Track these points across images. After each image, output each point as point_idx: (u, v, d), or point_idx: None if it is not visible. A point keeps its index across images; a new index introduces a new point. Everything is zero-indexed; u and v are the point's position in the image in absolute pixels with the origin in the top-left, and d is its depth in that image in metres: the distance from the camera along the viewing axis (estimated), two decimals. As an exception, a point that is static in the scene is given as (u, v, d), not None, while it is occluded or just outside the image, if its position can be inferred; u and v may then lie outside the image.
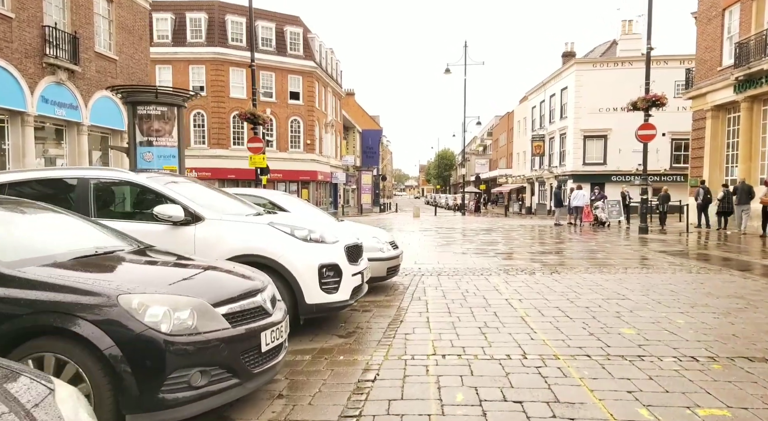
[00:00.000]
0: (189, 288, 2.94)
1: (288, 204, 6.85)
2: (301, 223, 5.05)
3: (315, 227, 4.97)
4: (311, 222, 5.36)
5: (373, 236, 6.80)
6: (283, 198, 7.02)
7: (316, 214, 7.29)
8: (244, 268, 3.65)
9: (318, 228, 4.98)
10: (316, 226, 5.13)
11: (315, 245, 4.72)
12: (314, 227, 5.02)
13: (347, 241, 5.08)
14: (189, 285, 3.00)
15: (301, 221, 5.20)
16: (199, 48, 36.40)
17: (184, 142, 14.73)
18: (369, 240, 6.69)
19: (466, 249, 12.12)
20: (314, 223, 5.36)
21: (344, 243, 4.99)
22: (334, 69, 49.01)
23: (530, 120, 42.31)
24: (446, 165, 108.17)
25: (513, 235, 16.54)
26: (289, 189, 40.15)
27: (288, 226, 4.73)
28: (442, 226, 21.96)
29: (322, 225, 5.31)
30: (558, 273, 8.38)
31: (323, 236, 4.82)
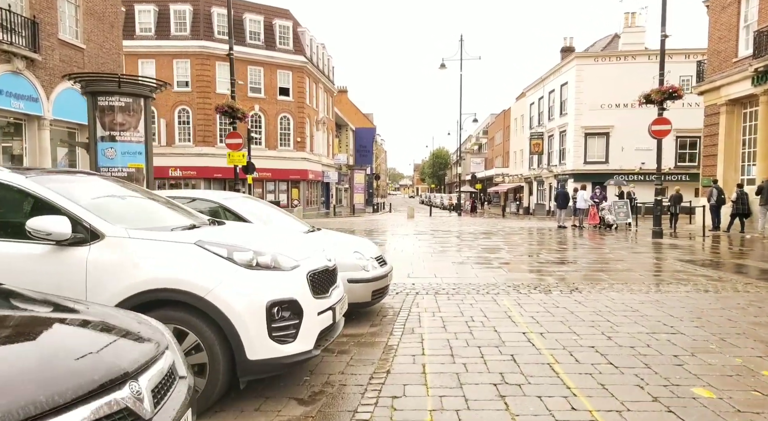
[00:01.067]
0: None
1: (245, 209, 5.43)
2: (247, 239, 3.64)
3: (268, 246, 3.57)
4: (266, 237, 3.95)
5: (354, 251, 5.40)
6: (239, 202, 5.59)
7: (283, 222, 5.87)
8: (130, 318, 2.24)
9: (272, 246, 3.57)
10: (271, 243, 3.73)
11: (264, 273, 3.31)
12: (267, 244, 3.62)
13: (313, 264, 3.68)
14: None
15: (249, 237, 3.78)
16: (183, 41, 34.86)
17: (151, 136, 13.25)
18: (349, 256, 5.29)
19: (466, 258, 10.74)
20: (270, 238, 3.95)
21: (308, 268, 3.58)
22: (326, 65, 47.54)
23: (528, 117, 41.03)
24: (441, 164, 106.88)
25: (516, 239, 15.18)
26: (279, 188, 38.73)
27: (224, 245, 3.32)
28: (437, 228, 20.59)
29: (281, 241, 3.91)
30: (578, 291, 7.00)
31: (276, 260, 3.41)
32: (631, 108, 29.88)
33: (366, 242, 6.11)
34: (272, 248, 3.53)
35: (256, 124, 37.25)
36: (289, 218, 6.25)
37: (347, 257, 5.28)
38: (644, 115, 29.46)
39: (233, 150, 15.32)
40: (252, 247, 3.41)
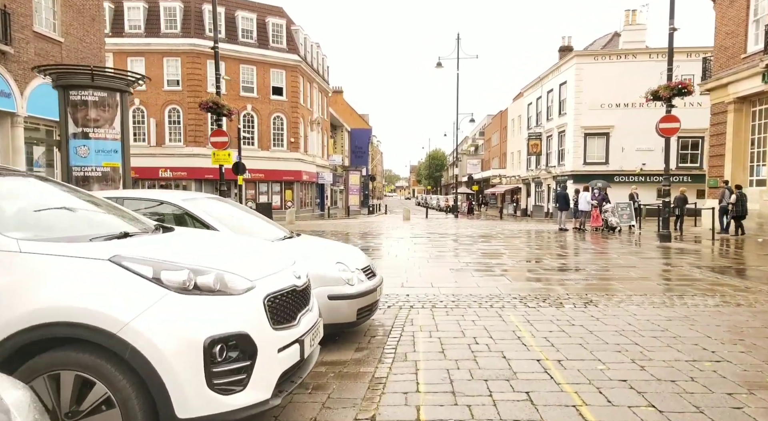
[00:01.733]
0: None
1: (209, 213, 4.58)
2: (187, 252, 2.81)
3: (215, 261, 2.74)
4: (216, 249, 3.11)
5: (337, 262, 4.57)
6: (202, 204, 4.74)
7: (255, 227, 5.03)
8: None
9: (221, 262, 2.75)
10: (221, 257, 2.90)
11: (204, 298, 2.49)
12: (214, 259, 2.79)
13: (275, 284, 2.85)
14: None
15: (192, 249, 2.95)
16: (174, 39, 34.00)
17: (129, 133, 12.41)
18: (330, 268, 4.46)
19: (465, 264, 9.92)
20: (222, 250, 3.12)
21: (267, 290, 2.75)
22: (320, 64, 46.74)
23: (526, 118, 40.32)
24: (437, 165, 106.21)
25: (516, 243, 14.39)
26: (272, 190, 37.88)
27: (151, 262, 2.48)
28: (434, 231, 19.77)
29: (236, 254, 3.08)
30: (594, 304, 6.19)
31: (223, 280, 2.58)
32: (631, 108, 29.23)
33: (352, 251, 5.28)
34: (220, 264, 2.70)
35: (248, 124, 36.42)
36: (263, 222, 5.42)
37: (328, 269, 4.45)
38: (645, 115, 28.82)
39: (219, 149, 14.47)
40: (190, 263, 2.58)
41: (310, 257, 4.50)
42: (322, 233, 18.25)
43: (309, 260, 4.45)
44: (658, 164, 29.02)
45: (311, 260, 4.44)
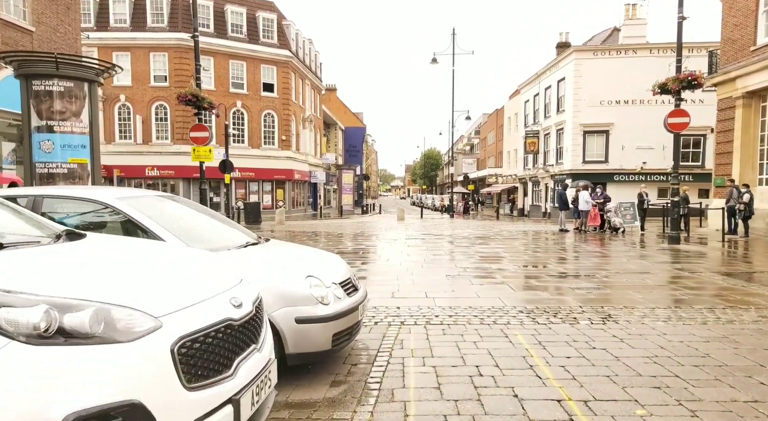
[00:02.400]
0: None
1: (152, 215, 3.68)
2: (68, 274, 1.92)
3: (106, 287, 1.85)
4: (118, 267, 2.22)
5: (308, 275, 3.68)
6: (145, 204, 3.82)
7: (212, 233, 4.15)
8: None
9: (116, 286, 1.86)
10: (117, 281, 2.01)
11: (71, 350, 1.61)
12: (105, 284, 1.90)
13: (195, 320, 1.96)
14: None
15: (79, 269, 2.06)
16: (160, 33, 32.97)
17: (99, 127, 11.48)
18: (298, 284, 3.58)
19: (462, 269, 9.06)
20: (125, 269, 2.23)
21: (180, 330, 1.87)
22: (313, 60, 45.79)
23: (522, 115, 39.54)
24: (432, 165, 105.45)
25: (516, 246, 13.55)
26: (263, 189, 36.93)
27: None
28: (429, 232, 18.91)
29: (156, 271, 2.20)
30: (614, 320, 5.35)
31: (109, 318, 1.70)
32: (632, 105, 28.50)
33: (329, 260, 4.40)
34: (113, 292, 1.82)
35: (238, 121, 35.47)
36: (225, 225, 4.53)
37: (295, 284, 3.57)
38: (646, 112, 28.13)
39: (199, 145, 13.56)
40: (60, 292, 1.70)
41: (272, 271, 3.62)
42: (311, 234, 17.35)
43: (270, 274, 3.57)
44: (659, 163, 28.32)
45: (273, 275, 3.57)
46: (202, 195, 13.75)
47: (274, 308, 3.42)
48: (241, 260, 3.63)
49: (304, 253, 4.49)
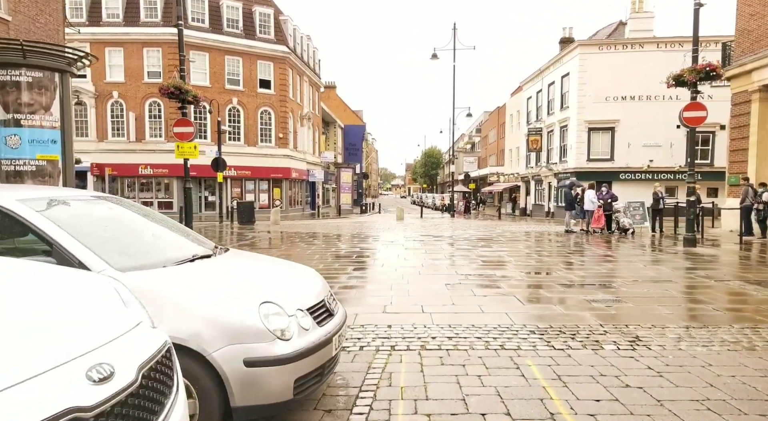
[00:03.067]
0: None
1: (54, 219, 2.83)
2: None
3: None
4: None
5: (263, 301, 2.83)
6: (61, 208, 2.95)
7: (138, 241, 3.30)
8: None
9: None
10: None
11: None
12: None
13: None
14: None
15: None
16: (154, 28, 32.13)
17: (71, 121, 10.63)
18: (247, 313, 2.73)
19: (464, 276, 8.22)
20: None
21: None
22: (311, 57, 44.93)
23: (525, 112, 38.64)
24: (433, 163, 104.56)
25: (521, 248, 12.71)
26: (259, 188, 36.11)
27: None
28: (428, 233, 18.05)
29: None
30: (645, 345, 4.50)
31: None
32: (638, 100, 27.61)
33: (300, 278, 3.55)
34: None
35: (234, 118, 34.65)
36: (171, 234, 3.68)
37: (246, 313, 2.72)
38: (653, 108, 27.24)
39: (182, 140, 12.72)
40: None
41: (214, 295, 2.77)
42: (304, 236, 16.51)
43: (212, 300, 2.72)
44: (666, 161, 27.44)
45: (215, 300, 2.72)
46: (186, 194, 12.92)
47: (214, 347, 2.58)
48: (171, 282, 2.79)
49: (267, 268, 3.64)
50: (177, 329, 2.51)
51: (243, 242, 14.44)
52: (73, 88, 32.67)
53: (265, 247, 13.11)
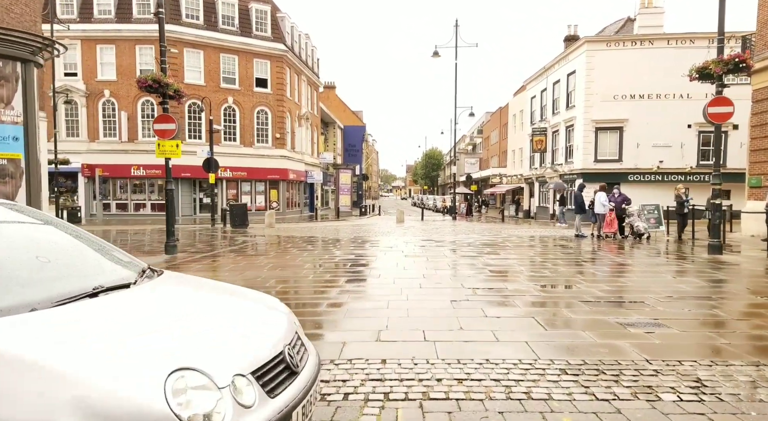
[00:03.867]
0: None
1: None
2: None
3: None
4: None
5: (177, 367, 1.80)
6: None
7: (17, 265, 2.28)
8: None
9: None
10: None
11: None
12: None
13: None
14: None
15: None
16: (147, 25, 31.14)
17: (35, 115, 9.68)
18: (144, 389, 1.70)
19: (472, 291, 7.20)
20: None
21: None
22: (310, 56, 43.96)
23: (529, 112, 37.64)
24: (434, 165, 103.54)
25: (531, 255, 11.69)
26: (256, 189, 35.12)
27: None
28: (430, 237, 17.03)
29: None
30: (713, 392, 3.47)
31: None
32: (648, 99, 26.60)
33: (249, 321, 2.52)
34: None
35: (229, 118, 33.69)
36: (77, 251, 2.66)
37: (141, 393, 1.70)
38: (663, 107, 26.21)
39: (164, 138, 11.71)
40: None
41: (102, 363, 1.75)
42: (297, 240, 15.48)
43: (96, 371, 1.70)
44: (677, 162, 26.43)
45: (100, 372, 1.70)
46: (168, 197, 11.92)
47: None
48: (32, 335, 1.77)
49: (205, 304, 2.60)
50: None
51: (230, 248, 13.44)
52: (64, 87, 31.77)
53: (251, 253, 12.10)
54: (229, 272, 8.98)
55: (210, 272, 9.22)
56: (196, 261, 10.59)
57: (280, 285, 7.71)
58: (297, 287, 7.75)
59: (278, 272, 8.93)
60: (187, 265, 10.09)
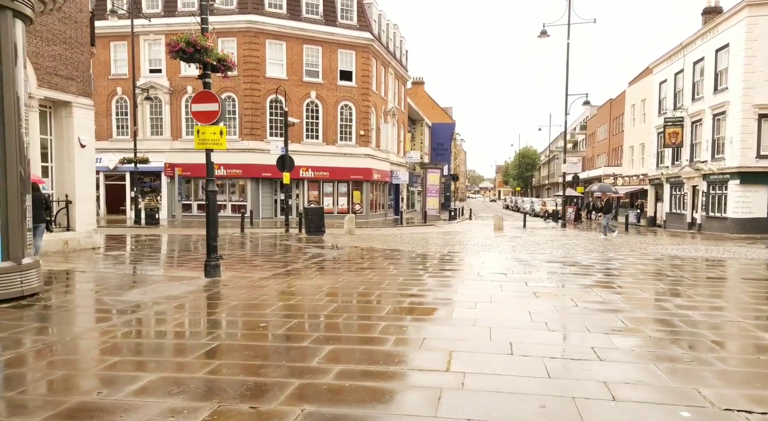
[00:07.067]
0: None
1: None
2: None
3: None
4: None
5: None
6: None
7: None
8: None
9: None
10: None
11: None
12: None
13: None
14: None
15: None
16: (229, 16, 29.66)
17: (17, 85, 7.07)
18: None
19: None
20: None
21: None
22: (398, 47, 40.88)
23: (656, 100, 31.54)
24: (528, 165, 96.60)
25: (741, 298, 7.32)
26: (338, 190, 32.59)
27: None
28: (552, 255, 12.86)
29: None
30: None
31: None
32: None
33: None
34: None
35: (312, 114, 31.48)
36: None
37: None
38: None
39: (203, 123, 8.87)
40: None
41: None
42: (378, 255, 12.08)
43: None
44: None
45: None
46: (209, 201, 9.06)
47: None
48: None
49: None
50: None
51: (284, 269, 10.38)
52: (149, 84, 31.26)
53: (310, 278, 8.86)
54: (269, 313, 5.75)
55: (242, 311, 6.05)
56: (238, 288, 7.57)
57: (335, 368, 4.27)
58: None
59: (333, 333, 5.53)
60: (215, 300, 7.06)
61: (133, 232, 20.48)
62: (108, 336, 5.00)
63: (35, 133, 11.07)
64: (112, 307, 6.45)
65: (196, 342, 4.84)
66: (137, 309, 6.24)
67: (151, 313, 6.10)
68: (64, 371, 3.99)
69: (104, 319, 5.83)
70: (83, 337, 5.02)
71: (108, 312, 6.21)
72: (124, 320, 5.66)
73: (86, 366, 4.14)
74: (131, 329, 5.35)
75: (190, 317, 6.05)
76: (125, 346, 4.76)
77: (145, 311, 6.16)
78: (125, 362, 4.22)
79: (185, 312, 6.25)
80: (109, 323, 5.55)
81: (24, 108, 6.84)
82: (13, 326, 5.27)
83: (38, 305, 6.34)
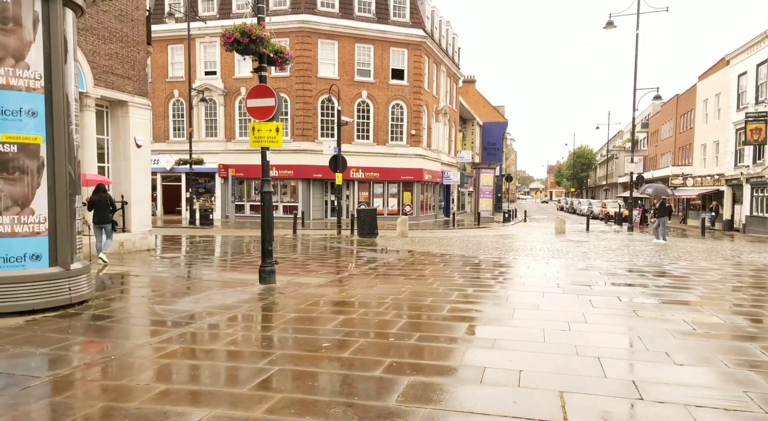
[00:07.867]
0: None
1: None
2: None
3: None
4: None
5: None
6: None
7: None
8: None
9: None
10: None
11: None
12: None
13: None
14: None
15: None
16: (282, 17, 29.62)
17: (68, 78, 6.70)
18: None
19: None
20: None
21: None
22: (450, 44, 39.82)
23: (734, 94, 28.98)
24: (583, 165, 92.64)
25: None
26: (388, 191, 31.95)
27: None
28: (629, 262, 11.58)
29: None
30: None
31: None
32: None
33: None
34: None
35: (363, 114, 31.01)
36: None
37: None
38: None
39: (259, 119, 8.35)
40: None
41: None
42: (436, 260, 11.24)
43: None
44: None
45: None
46: (264, 203, 8.53)
47: None
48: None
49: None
50: None
51: (339, 276, 9.72)
52: (204, 86, 31.73)
53: (369, 286, 8.15)
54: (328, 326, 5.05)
55: (300, 330, 5.39)
56: (295, 297, 6.95)
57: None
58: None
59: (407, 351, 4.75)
60: (271, 311, 6.46)
61: (188, 233, 20.55)
62: (157, 355, 4.44)
63: (92, 134, 10.96)
64: (163, 317, 5.96)
65: (252, 366, 4.20)
66: (190, 321, 5.71)
67: (204, 326, 5.55)
68: (103, 403, 3.41)
69: (155, 333, 5.31)
70: (130, 355, 4.49)
71: (158, 324, 5.72)
72: (175, 335, 5.12)
73: (130, 396, 3.56)
74: (181, 346, 4.78)
75: (245, 332, 5.45)
76: (175, 369, 4.18)
77: (197, 323, 5.62)
78: (174, 393, 3.62)
79: (239, 326, 5.67)
80: (158, 338, 5.02)
81: (74, 106, 6.49)
82: (56, 340, 4.82)
83: (86, 314, 5.93)
